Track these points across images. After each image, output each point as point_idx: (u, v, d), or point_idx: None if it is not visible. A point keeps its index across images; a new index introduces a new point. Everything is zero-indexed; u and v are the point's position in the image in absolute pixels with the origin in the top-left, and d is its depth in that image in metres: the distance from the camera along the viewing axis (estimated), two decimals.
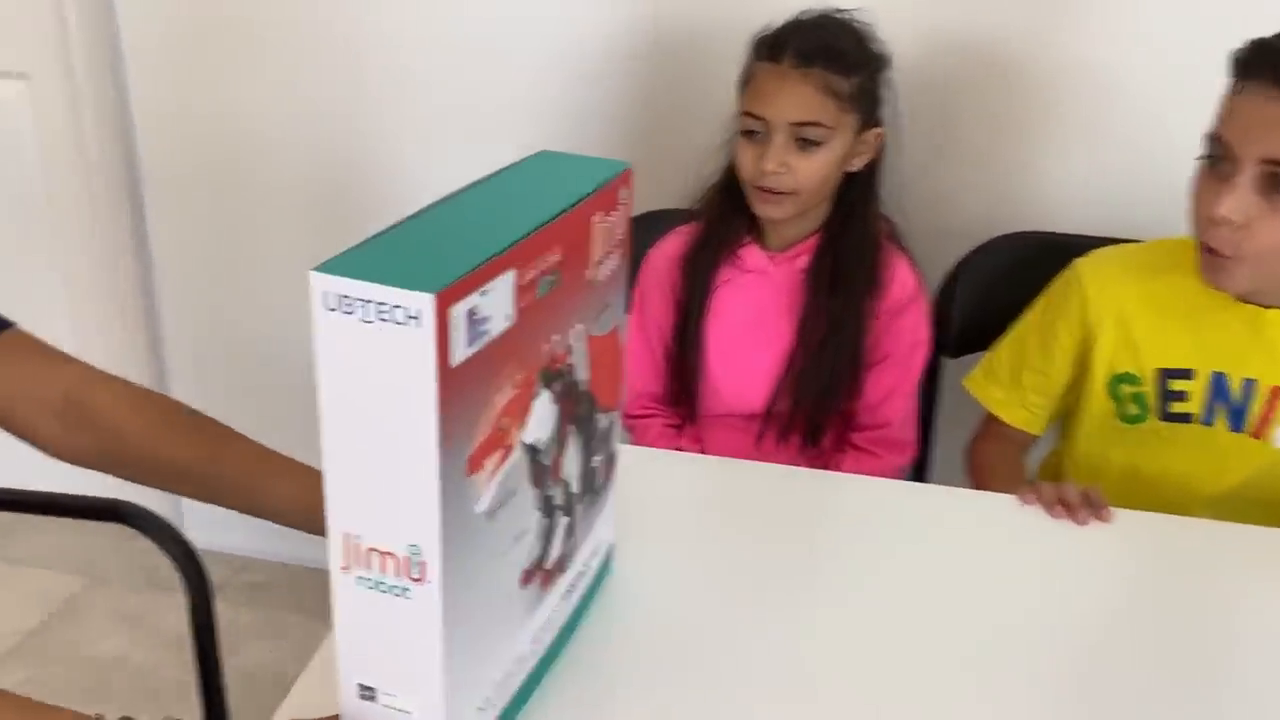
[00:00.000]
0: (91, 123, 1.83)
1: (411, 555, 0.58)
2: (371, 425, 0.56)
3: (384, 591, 0.59)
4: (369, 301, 0.53)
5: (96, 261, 1.94)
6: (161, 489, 0.83)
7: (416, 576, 0.58)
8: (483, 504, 0.60)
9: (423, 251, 0.56)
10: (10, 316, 0.85)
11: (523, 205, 0.64)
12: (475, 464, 0.58)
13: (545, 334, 0.64)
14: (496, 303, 0.57)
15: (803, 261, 1.33)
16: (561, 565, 0.74)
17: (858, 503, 1.02)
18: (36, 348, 0.85)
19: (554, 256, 0.63)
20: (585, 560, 0.79)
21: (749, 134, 1.26)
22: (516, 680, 0.70)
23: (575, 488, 0.74)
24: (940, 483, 1.40)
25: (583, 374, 0.71)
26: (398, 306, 0.52)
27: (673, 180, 1.35)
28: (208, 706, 1.00)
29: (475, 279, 0.54)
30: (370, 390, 0.55)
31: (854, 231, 1.31)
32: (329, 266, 0.53)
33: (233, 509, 0.81)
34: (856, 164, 1.30)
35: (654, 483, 1.01)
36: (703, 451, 1.40)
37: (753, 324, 1.35)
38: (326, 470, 0.58)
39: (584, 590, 0.80)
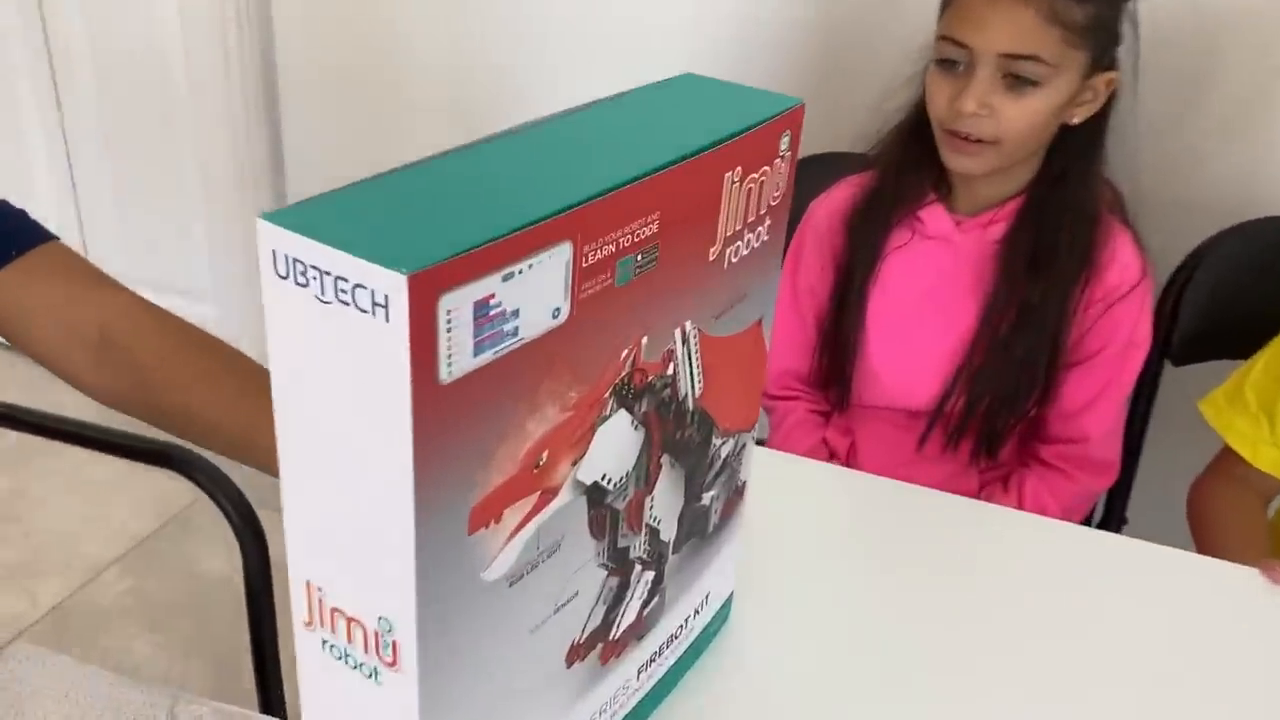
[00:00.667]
0: (234, 22, 1.80)
1: (382, 631, 0.41)
2: (332, 445, 0.39)
3: (353, 667, 0.43)
4: (326, 273, 0.35)
5: (232, 162, 1.93)
6: (195, 445, 0.70)
7: (389, 660, 0.42)
8: (496, 569, 0.42)
9: (432, 207, 0.38)
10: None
11: (616, 148, 0.44)
12: (485, 517, 0.41)
13: (626, 335, 0.45)
14: (533, 290, 0.38)
15: (998, 230, 1.06)
16: (639, 631, 0.56)
17: (1039, 552, 0.77)
18: (77, 268, 0.73)
19: (647, 227, 0.43)
20: (684, 620, 0.61)
21: (946, 65, 1.00)
22: None
23: (669, 534, 0.55)
24: (1140, 521, 1.13)
25: (690, 386, 0.52)
26: (359, 286, 0.35)
27: (847, 117, 1.11)
28: (261, 685, 0.90)
29: (492, 255, 0.36)
30: (330, 396, 0.38)
31: (1066, 198, 1.04)
32: (283, 215, 0.36)
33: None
34: (1077, 115, 1.02)
35: (784, 500, 0.80)
36: (851, 447, 1.17)
37: (928, 301, 1.10)
38: (283, 488, 0.42)
39: (680, 654, 0.62)
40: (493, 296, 0.37)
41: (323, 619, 0.43)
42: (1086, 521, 1.21)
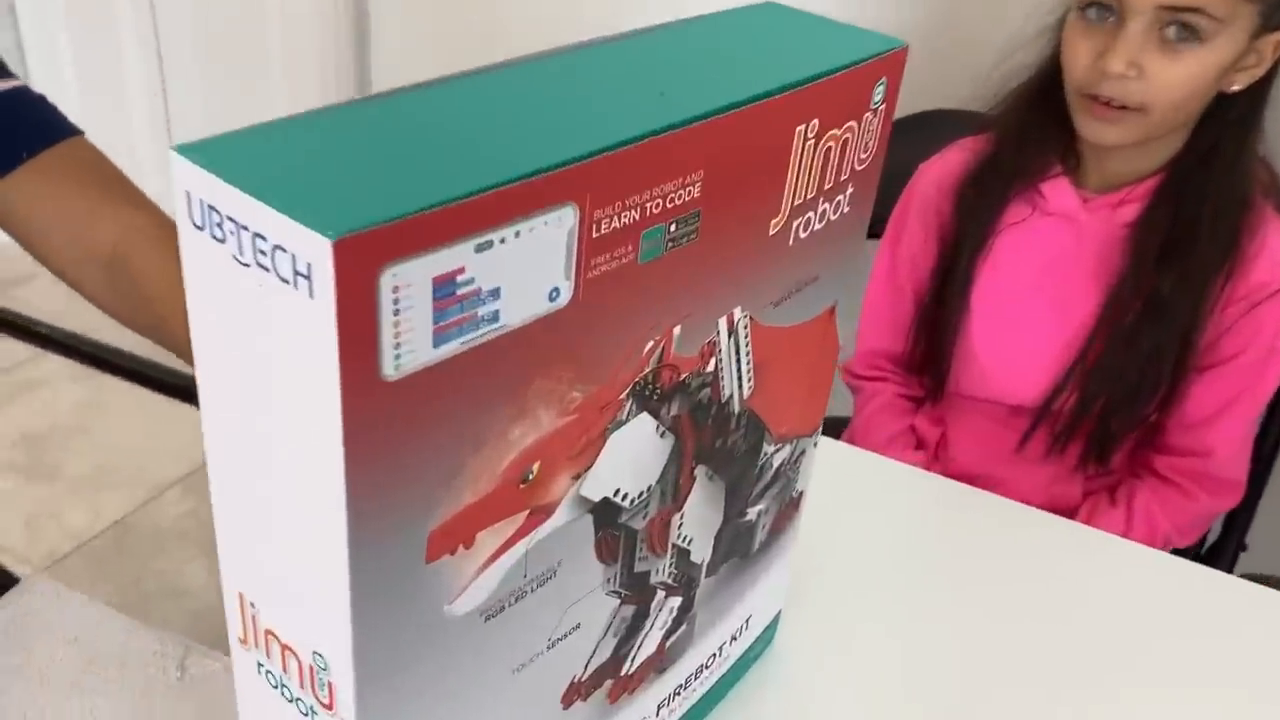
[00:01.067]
0: None
1: (318, 667, 0.33)
2: (258, 441, 0.31)
3: (289, 700, 0.36)
4: (244, 228, 0.27)
5: (317, 64, 1.91)
6: None
7: (325, 702, 0.34)
8: (466, 602, 0.34)
9: (393, 151, 0.29)
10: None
11: (653, 86, 0.35)
12: (449, 542, 0.32)
13: (652, 324, 0.36)
14: (521, 265, 0.30)
15: (1130, 210, 0.93)
16: (660, 664, 0.47)
17: (1152, 590, 0.67)
18: (98, 172, 0.67)
19: (686, 189, 0.34)
20: (718, 648, 0.52)
21: (1092, 15, 0.87)
22: None
23: (702, 555, 0.46)
24: (1261, 549, 1.00)
25: (737, 386, 0.43)
26: (279, 248, 0.26)
27: (965, 69, 0.98)
28: None
29: (461, 217, 0.27)
30: (253, 381, 0.30)
31: (1213, 178, 0.90)
32: (202, 148, 0.28)
33: None
34: (1238, 82, 0.88)
35: (850, 503, 0.71)
36: (942, 439, 1.06)
37: (1043, 285, 0.98)
38: (210, 477, 0.34)
39: (711, 685, 0.54)
40: (461, 271, 0.28)
41: (257, 640, 0.36)
42: (1200, 544, 1.08)
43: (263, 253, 0.27)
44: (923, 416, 1.08)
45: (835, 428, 1.20)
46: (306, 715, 0.35)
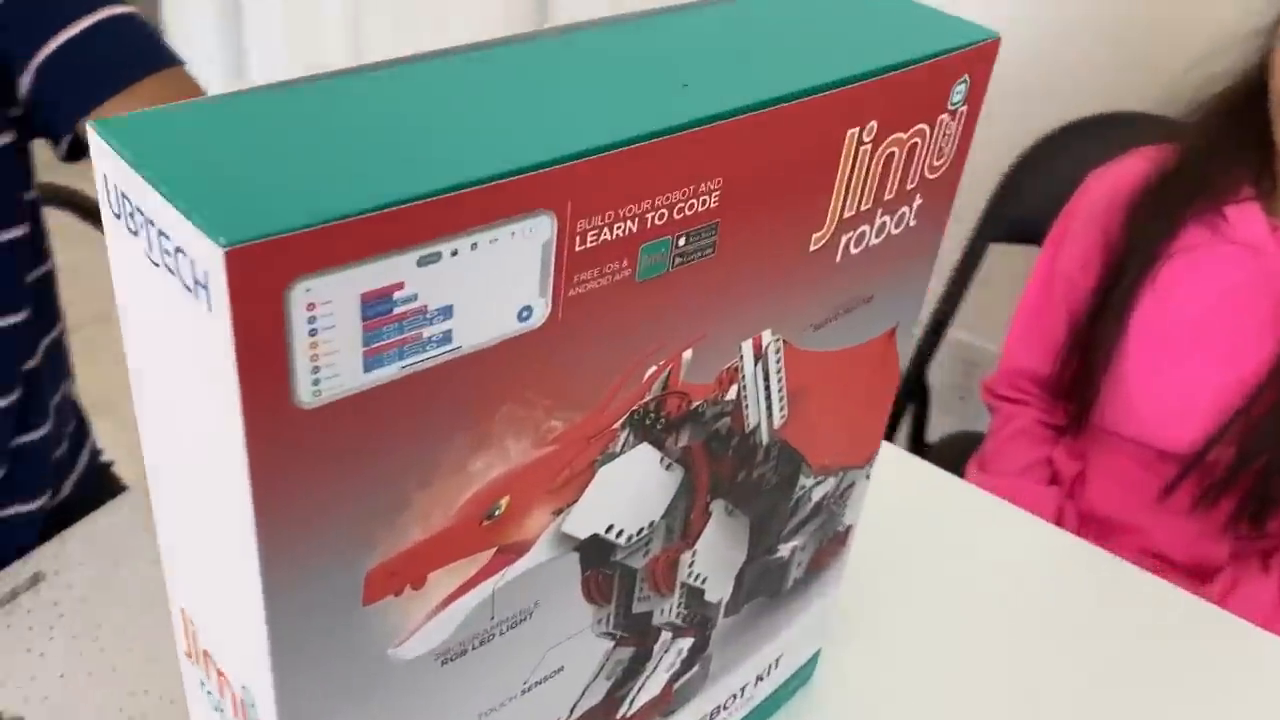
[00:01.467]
0: None
1: (246, 702, 0.30)
2: (181, 452, 0.28)
3: None
4: (150, 223, 0.23)
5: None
6: None
7: None
8: (416, 646, 0.31)
9: (335, 142, 0.25)
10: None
11: (669, 77, 0.30)
12: (392, 583, 0.29)
13: (654, 348, 0.31)
14: (480, 281, 0.25)
15: None
16: (666, 707, 0.43)
17: None
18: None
19: (699, 199, 0.29)
20: (739, 689, 0.48)
21: None
22: None
23: (719, 594, 0.42)
24: None
25: (764, 416, 0.38)
26: (181, 252, 0.23)
27: (1156, 71, 0.88)
28: None
29: (397, 226, 0.23)
30: (171, 389, 0.26)
31: None
32: (121, 126, 0.24)
33: None
34: None
35: (924, 527, 0.65)
36: (1080, 477, 0.97)
37: (1213, 320, 0.88)
38: (148, 475, 0.31)
39: None
40: (399, 287, 0.24)
41: (196, 657, 0.33)
42: None
43: (168, 253, 0.23)
44: (1062, 449, 0.99)
45: (967, 445, 1.13)
46: None
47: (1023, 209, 1.18)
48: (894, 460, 0.71)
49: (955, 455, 1.14)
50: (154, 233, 0.23)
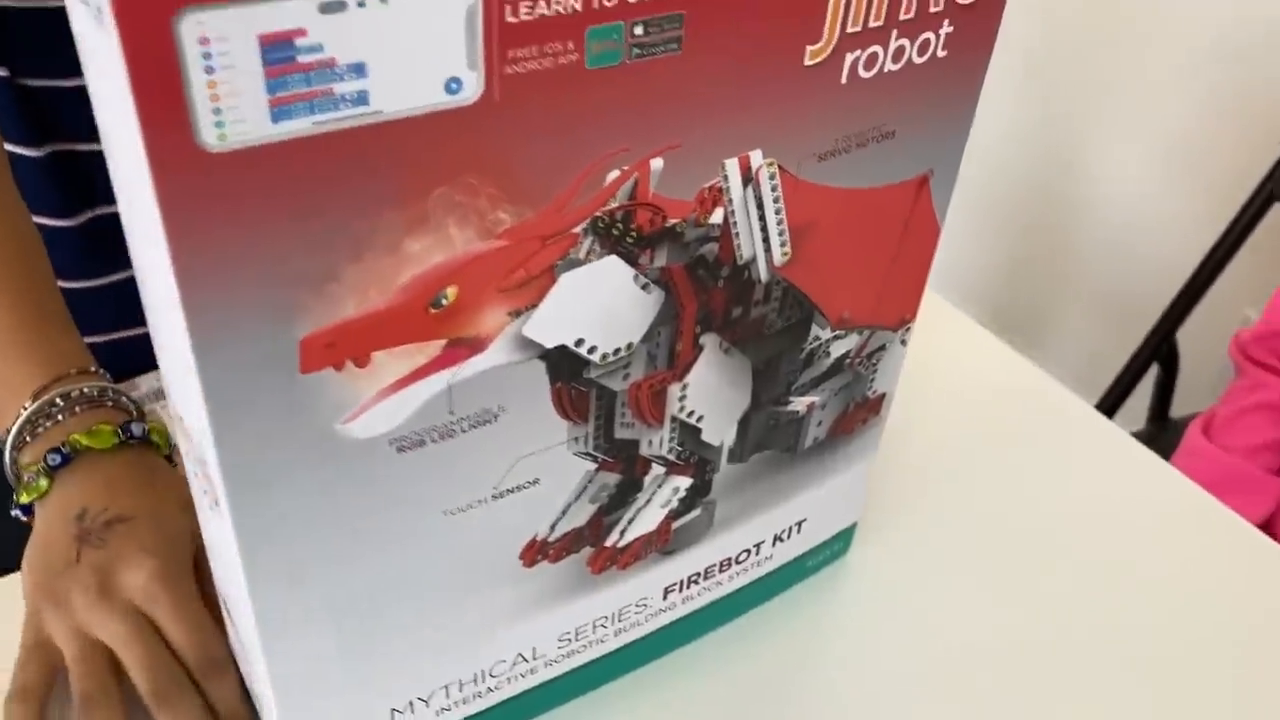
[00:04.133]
0: None
1: (207, 460, 0.32)
2: (132, 206, 0.29)
3: (203, 491, 0.35)
4: None
5: None
6: None
7: (214, 497, 0.33)
8: (367, 426, 0.31)
9: None
10: None
11: None
12: (330, 355, 0.29)
13: (608, 144, 0.30)
14: (397, 40, 0.25)
15: None
16: (665, 545, 0.43)
17: None
18: None
19: None
20: (753, 545, 0.47)
21: None
22: (528, 681, 0.43)
23: (718, 437, 0.41)
24: None
25: (761, 249, 0.36)
26: None
27: None
28: None
29: None
30: (115, 136, 0.27)
31: None
32: None
33: None
34: None
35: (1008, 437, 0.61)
36: None
37: None
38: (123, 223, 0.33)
39: (745, 584, 0.49)
40: (301, 33, 0.24)
41: (183, 433, 0.35)
42: None
43: None
44: None
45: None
46: (212, 509, 0.34)
47: None
48: (981, 347, 0.67)
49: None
50: None
